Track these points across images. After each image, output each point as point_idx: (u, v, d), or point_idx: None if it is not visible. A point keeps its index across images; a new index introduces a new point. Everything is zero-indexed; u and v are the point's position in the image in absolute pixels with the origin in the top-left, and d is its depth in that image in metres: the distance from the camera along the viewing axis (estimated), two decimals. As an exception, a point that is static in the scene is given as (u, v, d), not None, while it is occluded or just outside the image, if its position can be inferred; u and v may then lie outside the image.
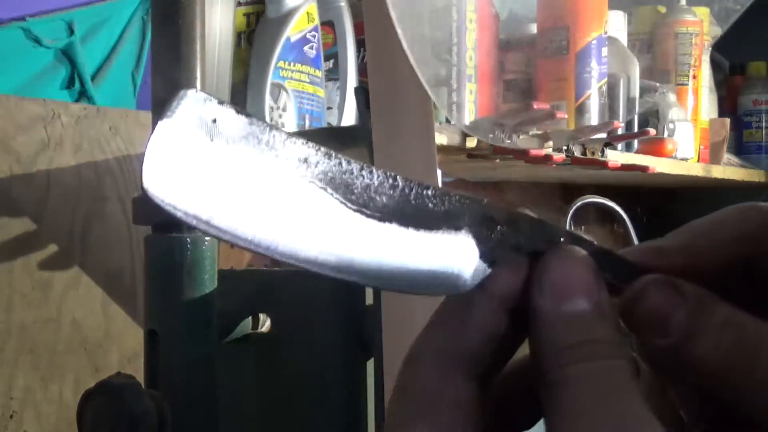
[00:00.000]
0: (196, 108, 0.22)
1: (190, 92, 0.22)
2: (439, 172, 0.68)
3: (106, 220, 0.85)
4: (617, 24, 1.18)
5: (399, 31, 0.64)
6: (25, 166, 0.80)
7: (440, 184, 0.67)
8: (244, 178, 0.22)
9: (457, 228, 0.25)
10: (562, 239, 0.26)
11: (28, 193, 0.80)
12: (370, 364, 0.65)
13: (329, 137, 0.96)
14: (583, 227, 1.62)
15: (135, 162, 0.88)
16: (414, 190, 0.24)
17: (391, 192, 0.24)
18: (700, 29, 1.43)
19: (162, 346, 0.57)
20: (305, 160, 0.23)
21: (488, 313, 0.25)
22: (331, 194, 0.23)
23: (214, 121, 0.22)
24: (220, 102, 0.22)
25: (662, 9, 1.36)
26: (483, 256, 0.25)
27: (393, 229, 0.24)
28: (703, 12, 1.44)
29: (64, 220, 0.82)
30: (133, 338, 0.86)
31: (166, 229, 0.58)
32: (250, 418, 0.69)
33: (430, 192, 0.24)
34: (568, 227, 1.47)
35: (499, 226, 0.25)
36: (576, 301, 0.24)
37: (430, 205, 0.24)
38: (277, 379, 0.67)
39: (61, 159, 0.82)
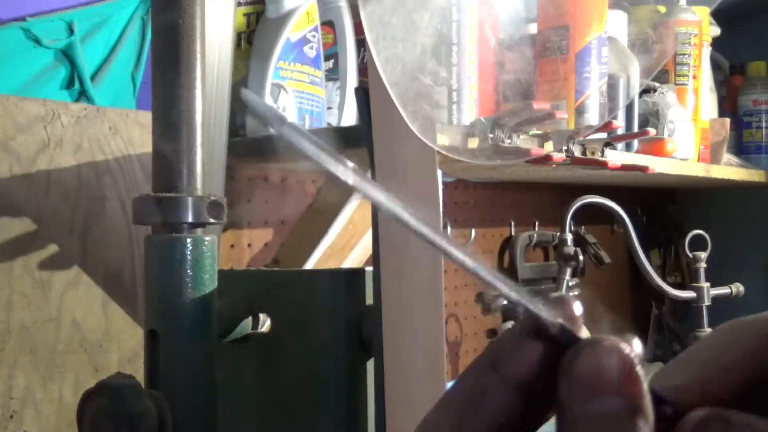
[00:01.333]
0: None
1: None
2: (439, 172, 0.67)
3: (106, 220, 0.85)
4: (617, 24, 1.18)
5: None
6: (25, 166, 0.80)
7: (440, 184, 0.67)
8: None
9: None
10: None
11: (28, 193, 0.80)
12: (370, 364, 0.65)
13: (329, 137, 0.96)
14: (583, 227, 1.62)
15: (135, 162, 0.88)
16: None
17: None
18: (699, 29, 1.43)
19: (162, 346, 0.57)
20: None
21: (502, 400, 0.23)
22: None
23: None
24: None
25: (662, 9, 1.36)
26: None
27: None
28: (702, 12, 1.44)
29: (64, 220, 0.82)
30: (133, 338, 0.86)
31: (166, 229, 0.58)
32: (250, 418, 0.69)
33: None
34: (568, 227, 1.47)
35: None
36: (606, 399, 0.22)
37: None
38: (277, 379, 0.67)
39: (61, 159, 0.82)
